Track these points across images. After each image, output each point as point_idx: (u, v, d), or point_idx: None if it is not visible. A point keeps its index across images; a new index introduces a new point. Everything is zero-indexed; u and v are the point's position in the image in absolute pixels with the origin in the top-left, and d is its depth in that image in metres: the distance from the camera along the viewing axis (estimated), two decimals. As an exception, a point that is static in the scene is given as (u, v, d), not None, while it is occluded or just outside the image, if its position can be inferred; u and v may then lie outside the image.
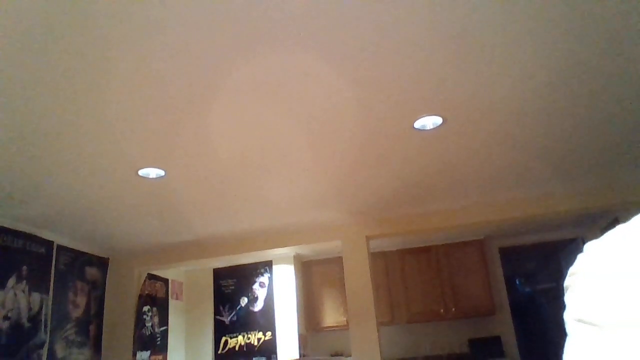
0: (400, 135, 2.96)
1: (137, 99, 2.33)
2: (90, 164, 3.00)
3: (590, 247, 0.49)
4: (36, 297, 4.04)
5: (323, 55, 2.11)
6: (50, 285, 4.22)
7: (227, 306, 5.96)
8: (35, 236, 4.11)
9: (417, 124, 2.84)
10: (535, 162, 3.60)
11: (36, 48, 1.90)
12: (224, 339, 5.85)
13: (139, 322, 5.12)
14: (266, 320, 5.73)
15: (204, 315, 6.06)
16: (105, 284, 5.04)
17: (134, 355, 4.93)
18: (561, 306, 0.49)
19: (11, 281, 3.79)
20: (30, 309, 3.95)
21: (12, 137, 2.58)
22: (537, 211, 4.49)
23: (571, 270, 0.50)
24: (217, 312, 5.98)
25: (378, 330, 4.53)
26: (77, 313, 4.56)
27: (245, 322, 5.82)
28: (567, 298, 0.49)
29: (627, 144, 3.40)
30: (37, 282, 4.07)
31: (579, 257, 0.50)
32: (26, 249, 4.00)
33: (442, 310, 5.77)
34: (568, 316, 0.48)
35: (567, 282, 0.50)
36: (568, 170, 3.86)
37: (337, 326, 5.87)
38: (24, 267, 3.94)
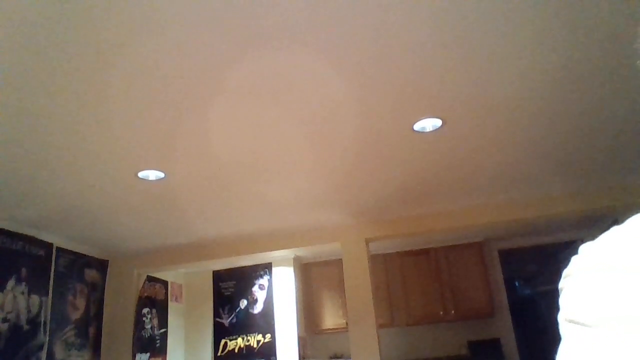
0: (399, 137, 2.96)
1: (136, 101, 2.33)
2: (90, 166, 3.00)
3: (584, 248, 0.49)
4: (35, 299, 4.03)
5: (323, 57, 2.12)
6: (49, 287, 4.22)
7: (226, 308, 5.95)
8: (35, 238, 4.11)
9: (417, 126, 2.84)
10: (535, 164, 3.60)
11: (36, 49, 1.91)
12: (223, 341, 5.84)
13: (139, 324, 5.11)
14: (266, 323, 5.72)
15: (204, 318, 6.05)
16: (104, 286, 5.03)
17: (134, 357, 4.92)
18: (559, 308, 0.49)
19: (10, 283, 3.79)
20: (29, 311, 3.95)
21: (12, 139, 2.58)
22: (536, 213, 4.49)
23: (565, 272, 0.50)
24: (216, 314, 5.97)
25: (377, 333, 4.52)
26: (76, 315, 4.55)
27: (245, 324, 5.81)
28: (561, 299, 0.49)
29: (628, 145, 3.41)
30: (37, 284, 4.06)
31: (573, 258, 0.50)
32: (25, 251, 3.99)
33: (441, 313, 5.76)
34: (561, 317, 0.48)
35: (561, 284, 0.50)
36: (568, 172, 3.87)
37: (336, 328, 5.87)
38: (23, 269, 3.94)
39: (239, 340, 5.78)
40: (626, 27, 2.06)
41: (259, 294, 5.86)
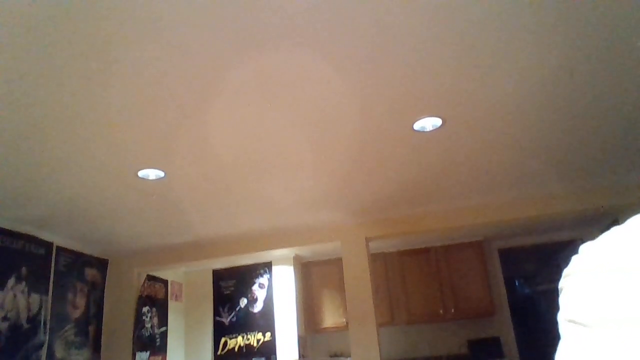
0: (399, 136, 2.96)
1: (137, 100, 2.33)
2: (90, 166, 3.00)
3: (584, 248, 0.50)
4: (35, 298, 4.03)
5: (323, 57, 2.12)
6: (49, 286, 4.22)
7: (226, 307, 5.95)
8: (35, 237, 4.11)
9: (417, 126, 2.84)
10: (535, 163, 3.61)
11: (36, 49, 1.90)
12: (223, 339, 5.85)
13: (139, 323, 5.12)
14: (266, 321, 5.72)
15: (204, 316, 6.05)
16: (104, 285, 5.04)
17: (133, 356, 4.92)
18: (558, 308, 0.50)
19: (10, 282, 3.79)
20: (29, 310, 3.95)
21: (12, 138, 2.58)
22: (536, 212, 4.49)
23: (565, 271, 0.50)
24: (216, 313, 5.98)
25: (377, 331, 4.53)
26: (76, 314, 4.55)
27: (245, 323, 5.81)
28: (561, 299, 0.49)
29: (627, 145, 3.41)
30: (37, 283, 4.06)
31: (573, 258, 0.50)
32: (25, 250, 3.99)
33: (441, 311, 5.77)
34: (561, 317, 0.48)
35: (562, 283, 0.50)
36: (567, 171, 3.87)
37: (336, 327, 5.87)
38: (23, 268, 3.94)
39: (239, 338, 5.78)
40: (626, 26, 2.06)
41: (259, 293, 5.86)
